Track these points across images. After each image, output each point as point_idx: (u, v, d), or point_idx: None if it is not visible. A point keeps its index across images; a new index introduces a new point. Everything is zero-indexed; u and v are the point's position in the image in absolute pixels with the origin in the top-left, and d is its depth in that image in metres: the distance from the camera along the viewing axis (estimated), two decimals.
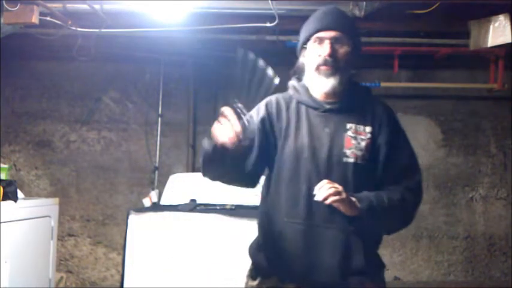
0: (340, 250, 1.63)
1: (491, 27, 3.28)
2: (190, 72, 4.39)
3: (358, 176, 1.65)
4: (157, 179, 4.38)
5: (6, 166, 3.64)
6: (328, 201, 1.55)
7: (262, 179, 1.82)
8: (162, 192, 3.89)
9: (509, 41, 3.21)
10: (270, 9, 2.95)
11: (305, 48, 1.74)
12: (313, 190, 1.61)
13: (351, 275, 1.65)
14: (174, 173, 4.08)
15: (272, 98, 1.80)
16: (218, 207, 3.41)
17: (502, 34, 3.23)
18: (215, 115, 1.69)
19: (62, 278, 4.28)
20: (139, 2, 3.06)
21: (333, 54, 1.67)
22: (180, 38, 3.69)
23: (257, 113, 1.76)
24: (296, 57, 1.81)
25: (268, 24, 3.11)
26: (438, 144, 4.38)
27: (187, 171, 4.32)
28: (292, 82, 1.81)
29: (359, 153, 1.66)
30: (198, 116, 4.42)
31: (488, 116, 4.37)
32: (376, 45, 3.96)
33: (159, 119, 4.43)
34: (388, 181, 1.69)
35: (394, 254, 4.34)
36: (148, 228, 3.43)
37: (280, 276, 1.69)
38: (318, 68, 1.69)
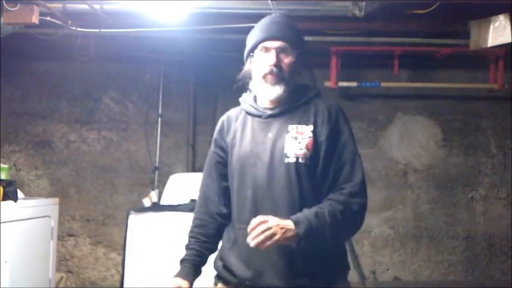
0: (287, 252, 1.64)
1: (491, 27, 3.28)
2: (190, 72, 4.39)
3: (302, 175, 1.67)
4: (157, 179, 4.38)
5: (6, 166, 3.64)
6: (263, 248, 1.56)
7: None
8: (162, 192, 3.89)
9: (509, 41, 3.21)
10: (270, 9, 2.95)
11: (252, 55, 1.80)
12: (258, 195, 1.69)
13: (300, 276, 1.66)
14: (174, 173, 4.08)
15: (224, 116, 1.91)
16: None
17: (502, 34, 3.23)
18: (215, 115, 1.72)
19: (62, 278, 4.28)
20: (139, 2, 3.06)
21: (278, 63, 1.73)
22: (180, 38, 3.69)
23: (214, 140, 1.90)
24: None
25: None
26: (438, 144, 4.38)
27: (187, 171, 4.32)
28: (244, 94, 1.89)
29: (300, 152, 1.68)
30: (198, 116, 4.42)
31: (488, 116, 4.37)
32: (376, 45, 3.97)
33: (159, 119, 4.43)
34: (330, 184, 1.69)
35: (394, 254, 4.34)
36: (148, 228, 3.44)
37: (236, 281, 1.74)
38: (264, 77, 1.74)
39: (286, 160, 1.68)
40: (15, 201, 3.09)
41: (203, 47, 4.04)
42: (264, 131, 1.75)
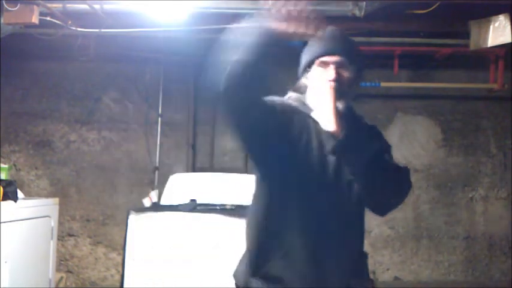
0: (350, 269, 1.63)
1: (491, 27, 3.28)
2: (190, 72, 4.39)
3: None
4: (157, 179, 4.38)
5: (6, 166, 3.64)
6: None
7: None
8: (162, 192, 3.89)
9: (509, 41, 3.22)
10: (270, 9, 2.94)
11: (308, 70, 1.72)
12: (325, 208, 1.61)
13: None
14: (174, 173, 4.08)
15: (276, 100, 1.71)
16: (218, 207, 3.41)
17: (502, 34, 3.23)
18: (215, 115, 1.68)
19: (62, 278, 4.28)
20: (139, 2, 3.06)
21: (338, 79, 1.65)
22: (180, 38, 3.69)
23: (273, 107, 1.67)
24: (295, 58, 1.79)
25: None
26: (438, 144, 4.38)
27: (187, 171, 4.32)
28: (296, 95, 1.76)
29: None
30: (198, 116, 4.42)
31: (488, 116, 4.37)
32: (376, 45, 3.97)
33: (159, 119, 4.43)
34: None
35: (394, 254, 4.34)
36: (148, 228, 3.43)
37: None
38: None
39: (350, 178, 1.63)
40: (15, 201, 3.09)
41: (203, 47, 4.03)
42: (328, 142, 1.64)
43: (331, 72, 1.66)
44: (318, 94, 1.68)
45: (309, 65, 1.72)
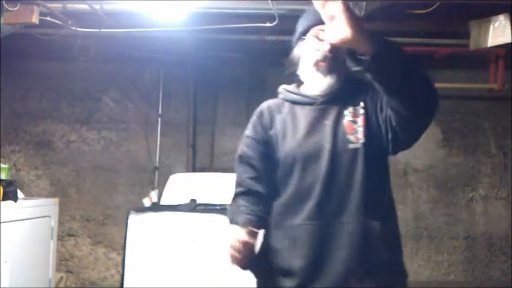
0: (360, 247, 1.54)
1: (491, 27, 3.28)
2: (190, 72, 4.39)
3: (368, 159, 1.57)
4: (157, 179, 4.38)
5: (6, 166, 3.64)
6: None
7: None
8: (162, 192, 3.89)
9: (509, 41, 3.21)
10: (270, 9, 2.95)
11: (303, 39, 1.65)
12: (324, 186, 1.55)
13: (374, 274, 1.57)
14: (174, 173, 4.08)
15: (263, 107, 1.75)
16: (218, 207, 3.40)
17: (502, 34, 3.23)
18: (215, 115, 1.67)
19: (62, 278, 4.28)
20: (139, 2, 3.06)
21: (332, 50, 1.58)
22: (180, 38, 3.69)
23: (254, 131, 1.73)
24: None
25: (268, 24, 3.11)
26: (438, 144, 4.38)
27: (187, 171, 4.33)
28: (283, 86, 1.75)
29: (360, 135, 1.58)
30: (198, 116, 4.42)
31: (488, 116, 4.37)
32: None
33: (159, 119, 4.43)
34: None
35: None
36: (148, 228, 3.43)
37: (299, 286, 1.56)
38: (316, 64, 1.61)
39: (351, 146, 1.57)
40: (15, 201, 3.09)
41: (203, 47, 4.04)
42: (319, 118, 1.61)
43: (326, 43, 1.56)
44: (310, 65, 1.62)
45: (304, 33, 1.64)
